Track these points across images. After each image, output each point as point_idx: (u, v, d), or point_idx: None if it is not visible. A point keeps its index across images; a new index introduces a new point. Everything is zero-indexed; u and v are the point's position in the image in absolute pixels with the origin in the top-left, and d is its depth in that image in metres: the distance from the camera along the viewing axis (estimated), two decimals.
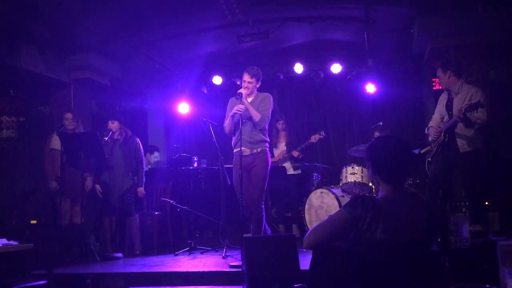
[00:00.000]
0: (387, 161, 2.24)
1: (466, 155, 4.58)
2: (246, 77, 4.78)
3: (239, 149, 4.70)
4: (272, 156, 7.03)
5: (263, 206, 4.70)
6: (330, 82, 7.90)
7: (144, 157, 6.02)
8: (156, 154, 7.78)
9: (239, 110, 4.65)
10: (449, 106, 4.78)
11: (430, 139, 5.00)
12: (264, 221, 4.76)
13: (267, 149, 4.83)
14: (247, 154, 4.71)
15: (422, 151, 5.79)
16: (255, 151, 4.72)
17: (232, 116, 4.75)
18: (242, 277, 3.79)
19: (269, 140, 4.91)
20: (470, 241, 4.43)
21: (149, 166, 7.51)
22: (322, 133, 6.75)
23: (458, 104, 4.60)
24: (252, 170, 4.70)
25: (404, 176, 2.33)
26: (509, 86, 7.00)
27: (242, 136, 4.69)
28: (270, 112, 4.81)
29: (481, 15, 5.77)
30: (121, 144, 5.83)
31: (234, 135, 4.87)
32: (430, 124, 5.00)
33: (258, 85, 4.87)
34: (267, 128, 4.86)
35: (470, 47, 6.09)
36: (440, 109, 4.91)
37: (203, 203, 6.28)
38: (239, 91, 4.73)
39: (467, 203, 4.99)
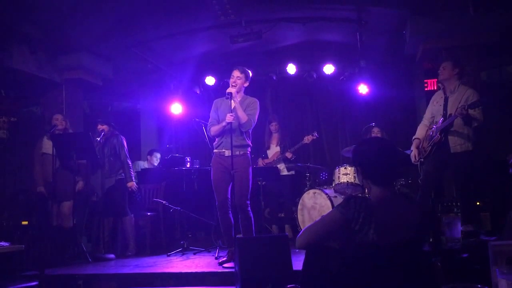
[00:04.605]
0: (374, 164, 2.23)
1: (457, 156, 4.60)
2: (236, 73, 4.72)
3: (220, 150, 4.70)
4: (266, 157, 7.04)
5: (249, 208, 4.66)
6: (323, 83, 7.92)
7: (128, 154, 5.96)
8: (157, 155, 7.72)
9: (230, 121, 4.56)
10: (444, 106, 4.80)
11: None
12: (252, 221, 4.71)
13: (249, 153, 4.77)
14: (228, 155, 4.62)
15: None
16: (237, 153, 4.62)
17: (224, 125, 4.65)
18: (235, 278, 3.79)
19: (251, 145, 4.83)
20: (461, 241, 4.46)
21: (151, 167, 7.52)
22: (315, 134, 6.75)
23: (454, 104, 4.63)
24: (235, 173, 4.58)
25: (393, 177, 2.32)
26: (500, 87, 7.06)
27: (225, 139, 4.67)
28: (257, 118, 4.74)
29: (472, 16, 5.83)
30: (106, 143, 5.84)
31: (218, 137, 4.80)
32: (416, 135, 4.96)
33: (246, 85, 4.79)
34: (250, 132, 4.79)
35: (461, 48, 6.15)
36: (433, 108, 4.92)
37: (196, 204, 6.27)
38: (228, 90, 4.62)
39: (458, 204, 5.02)
